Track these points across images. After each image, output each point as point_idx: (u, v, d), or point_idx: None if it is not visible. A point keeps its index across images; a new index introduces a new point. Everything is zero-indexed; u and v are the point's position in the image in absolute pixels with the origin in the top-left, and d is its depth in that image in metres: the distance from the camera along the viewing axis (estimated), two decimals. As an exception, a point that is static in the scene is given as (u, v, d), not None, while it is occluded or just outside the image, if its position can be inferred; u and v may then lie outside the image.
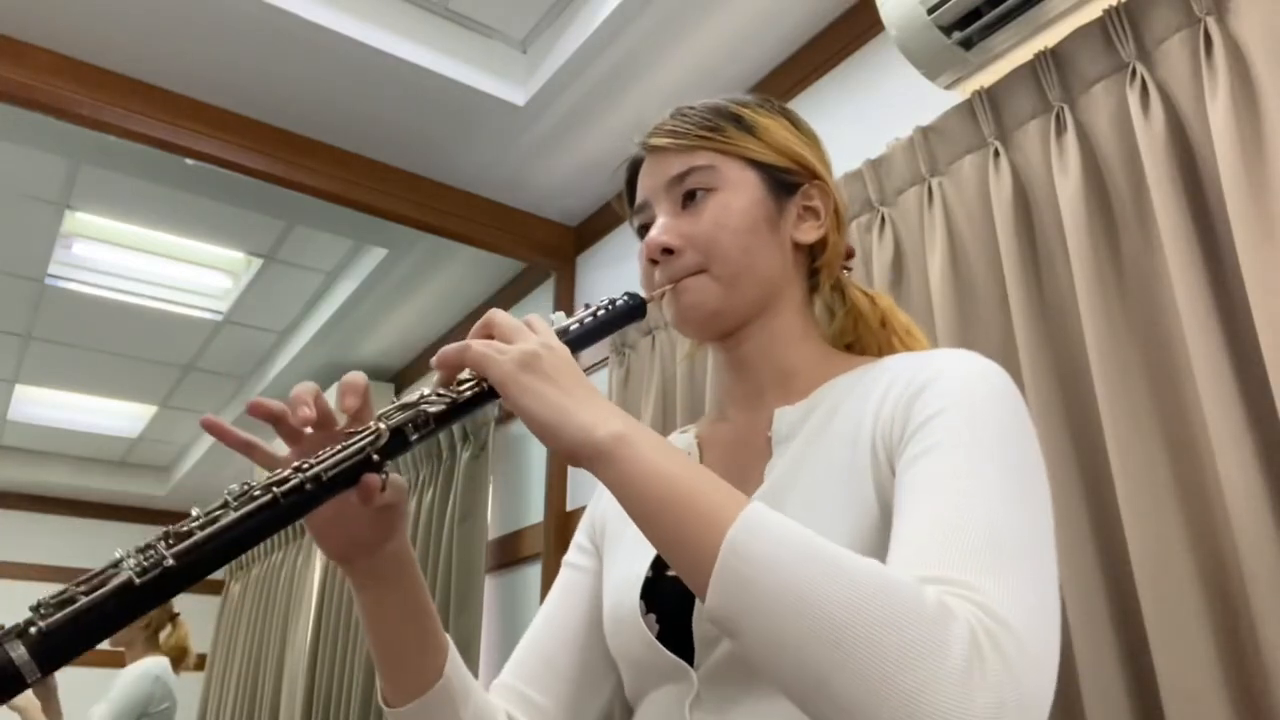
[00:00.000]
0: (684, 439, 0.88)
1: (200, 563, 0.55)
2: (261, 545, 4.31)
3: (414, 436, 0.65)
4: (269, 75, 2.05)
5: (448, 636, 0.77)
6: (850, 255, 0.91)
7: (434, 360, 0.68)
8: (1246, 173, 1.04)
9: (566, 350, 0.68)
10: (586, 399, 0.63)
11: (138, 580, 0.52)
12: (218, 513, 0.57)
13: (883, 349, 0.84)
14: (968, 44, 1.36)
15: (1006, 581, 0.54)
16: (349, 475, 0.62)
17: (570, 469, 2.42)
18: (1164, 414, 1.10)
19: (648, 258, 0.81)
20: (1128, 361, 1.13)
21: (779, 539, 0.54)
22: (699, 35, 1.89)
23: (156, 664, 2.91)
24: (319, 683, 3.12)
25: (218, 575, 5.03)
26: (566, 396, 0.63)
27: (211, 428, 0.65)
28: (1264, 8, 1.07)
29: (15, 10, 1.85)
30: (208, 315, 3.48)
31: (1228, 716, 0.96)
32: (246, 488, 0.58)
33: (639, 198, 0.85)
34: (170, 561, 0.53)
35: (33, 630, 0.49)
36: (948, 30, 1.35)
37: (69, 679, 3.01)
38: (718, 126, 0.81)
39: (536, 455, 2.60)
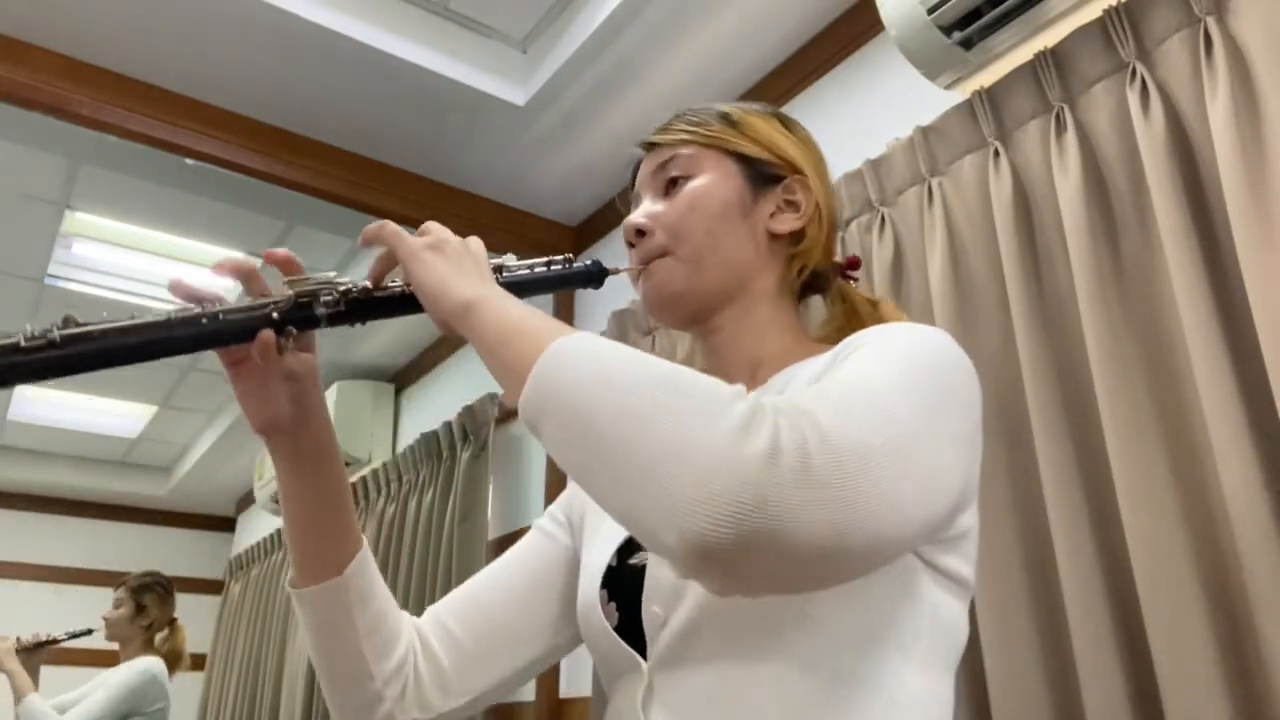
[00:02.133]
0: None
1: (85, 354, 0.59)
2: (261, 545, 4.30)
3: (321, 310, 0.70)
4: (269, 75, 2.05)
5: (364, 538, 0.80)
6: (855, 265, 0.91)
7: (361, 236, 0.73)
8: (1246, 173, 1.04)
9: (479, 246, 0.73)
10: (476, 278, 0.68)
11: (23, 343, 0.57)
12: (120, 319, 0.62)
13: None
14: (968, 44, 1.36)
15: (841, 413, 0.52)
16: (245, 325, 0.67)
17: (570, 469, 2.42)
18: (1164, 414, 1.10)
19: (625, 240, 0.85)
20: (1128, 361, 1.13)
21: (600, 343, 0.57)
22: (699, 35, 1.89)
23: (154, 663, 2.90)
24: (319, 683, 3.11)
25: (217, 575, 5.05)
26: (458, 273, 0.68)
27: (175, 287, 0.69)
28: (1264, 8, 1.07)
29: (16, 10, 1.85)
30: (208, 315, 3.48)
31: (1228, 716, 0.96)
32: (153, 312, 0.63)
33: (635, 192, 0.89)
34: (55, 335, 0.58)
35: None
36: (948, 30, 1.35)
37: (62, 677, 3.03)
38: (704, 121, 0.86)
39: (536, 455, 2.60)
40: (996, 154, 1.33)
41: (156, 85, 2.06)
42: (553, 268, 0.80)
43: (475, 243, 0.74)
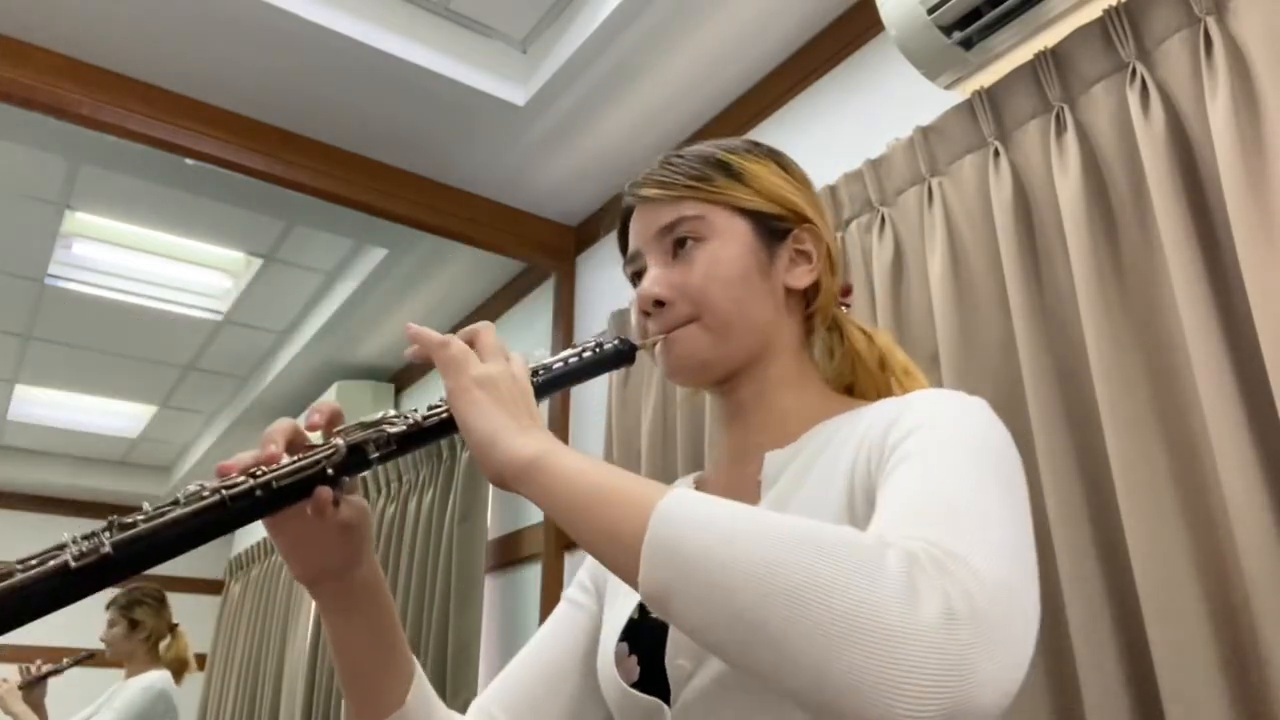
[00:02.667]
0: (685, 483, 0.88)
1: (139, 555, 0.56)
2: (261, 545, 4.31)
3: (374, 455, 0.66)
4: (269, 75, 2.05)
5: (415, 663, 0.78)
6: (847, 293, 0.90)
7: (410, 333, 0.70)
8: (1246, 173, 1.04)
9: (528, 386, 0.69)
10: (528, 427, 0.65)
11: (74, 564, 0.53)
12: (166, 508, 0.58)
13: (880, 392, 0.84)
14: (968, 44, 1.36)
15: (963, 531, 0.52)
16: (301, 486, 0.63)
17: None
18: (1164, 414, 1.10)
19: (640, 309, 0.81)
20: (1128, 361, 1.13)
21: (707, 507, 0.54)
22: (699, 35, 1.89)
23: (161, 678, 2.90)
24: (319, 683, 3.12)
25: (217, 575, 5.05)
26: (510, 420, 0.65)
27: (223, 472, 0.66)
28: (1264, 8, 1.07)
29: (16, 10, 1.85)
30: (208, 315, 3.48)
31: (1228, 716, 0.96)
32: (199, 488, 0.60)
33: (631, 246, 0.85)
34: (108, 549, 0.54)
35: None
36: (948, 30, 1.35)
37: (64, 682, 3.03)
38: (705, 175, 0.81)
39: (536, 455, 2.60)
40: (996, 154, 1.33)
41: (156, 85, 2.06)
42: (585, 355, 0.79)
43: (519, 367, 0.71)
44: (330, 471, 0.64)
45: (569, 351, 0.78)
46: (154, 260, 3.15)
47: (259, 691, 3.76)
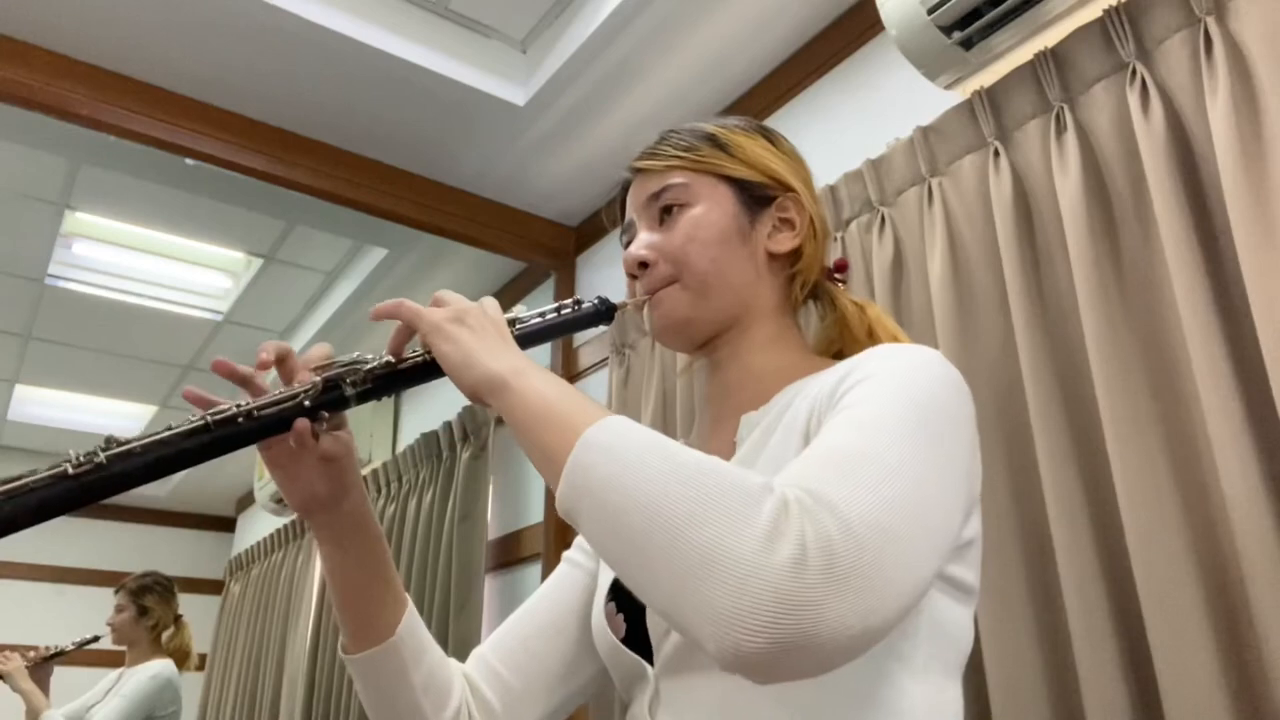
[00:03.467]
0: None
1: (130, 470, 0.61)
2: (261, 545, 4.30)
3: (350, 392, 0.71)
4: (269, 75, 2.05)
5: (408, 597, 0.82)
6: (843, 268, 0.93)
7: (371, 312, 0.74)
8: (1246, 173, 1.04)
9: (500, 318, 0.73)
10: (501, 349, 0.69)
11: (71, 470, 0.58)
12: (159, 431, 0.64)
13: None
14: (968, 44, 1.36)
15: (856, 479, 0.54)
16: (280, 417, 0.69)
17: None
18: (1164, 414, 1.10)
19: (626, 272, 0.85)
20: (1128, 361, 1.13)
21: (628, 436, 0.58)
22: (699, 35, 1.89)
23: (166, 666, 2.91)
24: (319, 683, 3.12)
25: (217, 575, 5.05)
26: (481, 344, 0.69)
27: (220, 368, 0.73)
28: (1264, 8, 1.07)
29: (15, 10, 1.85)
30: (208, 315, 3.48)
31: (1228, 716, 0.96)
32: (188, 419, 0.65)
33: (626, 217, 0.90)
34: (101, 459, 0.60)
35: None
36: (948, 30, 1.35)
37: (67, 678, 3.03)
38: (693, 146, 0.86)
39: (536, 455, 2.60)
40: (996, 154, 1.33)
41: (156, 85, 2.06)
42: (563, 313, 0.82)
43: (491, 305, 0.75)
44: (307, 404, 0.69)
45: (548, 307, 0.82)
46: (154, 260, 3.15)
47: (259, 691, 3.76)
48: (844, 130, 1.78)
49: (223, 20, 1.89)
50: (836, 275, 0.92)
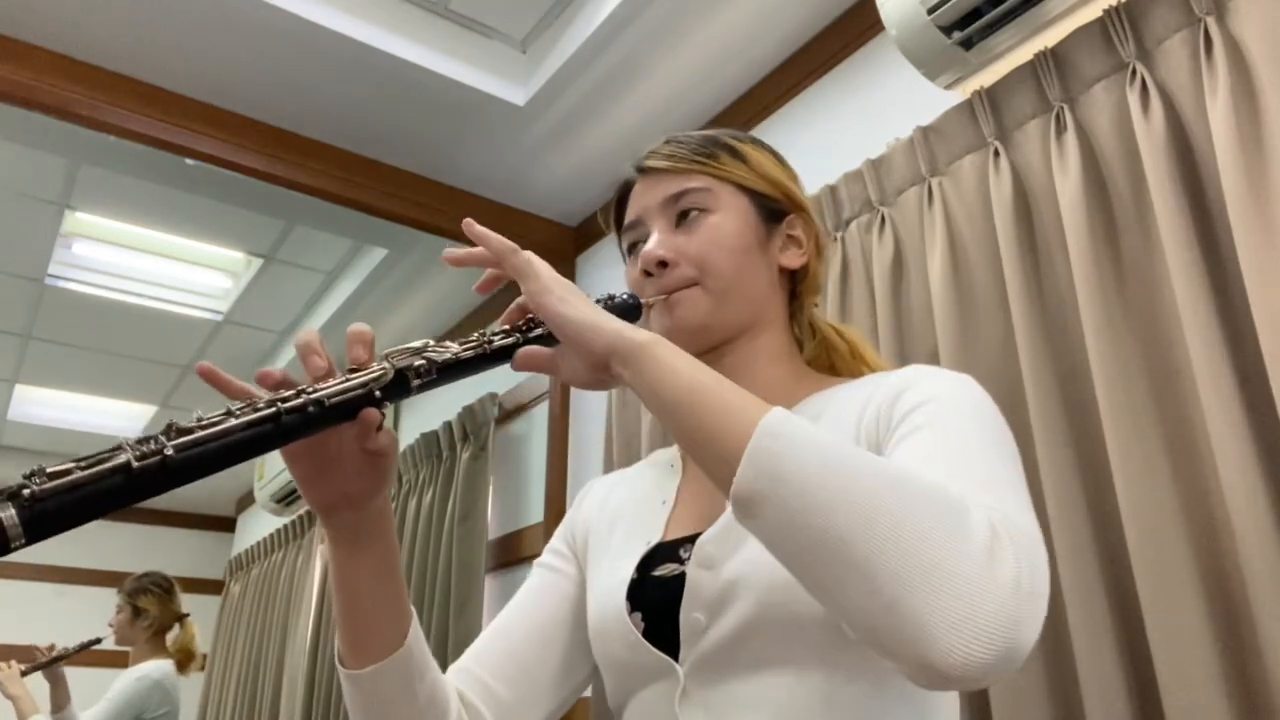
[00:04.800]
0: (667, 454, 0.91)
1: (197, 461, 0.55)
2: (261, 545, 4.30)
3: (416, 382, 0.66)
4: (269, 75, 2.05)
5: (413, 609, 0.78)
6: (816, 292, 0.95)
7: (474, 232, 0.73)
8: (1246, 173, 1.04)
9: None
10: (612, 318, 0.68)
11: (135, 464, 0.53)
12: (220, 417, 0.58)
13: (855, 375, 0.88)
14: (968, 44, 1.36)
15: (1006, 499, 0.59)
16: (351, 406, 0.63)
17: (570, 470, 2.42)
18: (1164, 414, 1.10)
19: (642, 269, 0.84)
20: (1128, 361, 1.13)
21: (809, 431, 0.58)
22: (699, 35, 1.89)
23: (157, 668, 2.87)
24: (319, 683, 3.12)
25: (217, 575, 5.05)
26: (596, 313, 0.68)
27: (209, 375, 0.68)
28: (1264, 8, 1.07)
29: (15, 10, 1.85)
30: (208, 315, 3.48)
31: (1228, 716, 0.96)
32: (250, 401, 0.60)
33: (630, 216, 0.88)
34: (170, 451, 0.54)
35: (25, 494, 0.49)
36: (948, 30, 1.35)
37: (71, 678, 3.03)
38: (712, 153, 0.86)
39: (536, 455, 2.60)
40: (996, 154, 1.33)
41: (156, 85, 2.06)
42: (601, 305, 0.79)
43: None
44: (378, 394, 0.64)
45: (595, 298, 0.80)
46: (154, 260, 3.15)
47: (259, 691, 3.76)
48: (844, 130, 1.78)
49: (223, 20, 1.89)
50: (813, 300, 0.95)
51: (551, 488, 2.43)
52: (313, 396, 0.61)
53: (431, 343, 0.69)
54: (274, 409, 0.59)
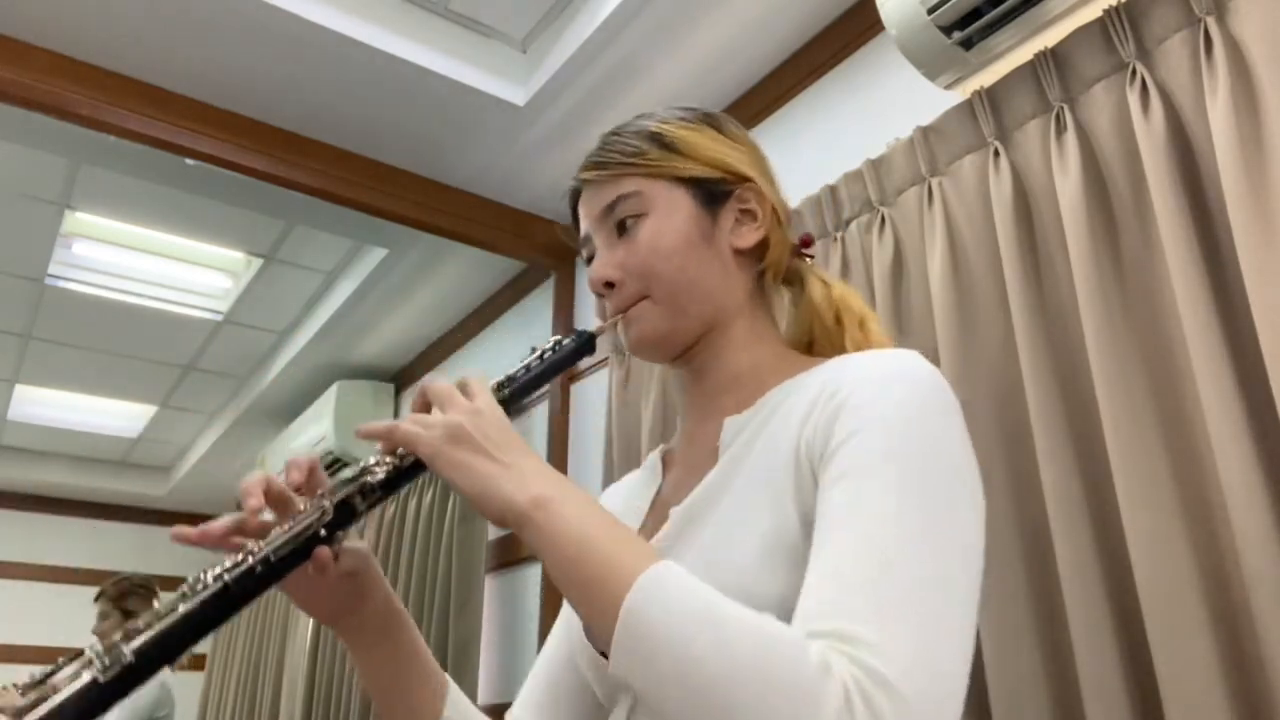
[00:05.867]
0: (653, 457, 0.89)
1: (158, 656, 0.59)
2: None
3: (362, 506, 0.68)
4: (269, 75, 2.05)
5: (446, 678, 0.80)
6: (808, 244, 0.90)
7: (360, 431, 0.71)
8: (1246, 173, 1.04)
9: (496, 412, 0.69)
10: (513, 465, 0.65)
11: (101, 679, 0.57)
12: (174, 605, 0.61)
13: (835, 347, 0.83)
14: (968, 44, 1.36)
15: (892, 630, 0.54)
16: (299, 553, 0.66)
17: (570, 470, 2.42)
18: (1164, 414, 1.10)
19: (592, 291, 0.82)
20: (1128, 361, 1.13)
21: (670, 609, 0.56)
22: (699, 35, 1.89)
23: None
24: (319, 683, 3.12)
25: (218, 575, 5.05)
26: (492, 464, 0.65)
27: (182, 538, 0.68)
28: (1264, 8, 1.07)
29: (15, 10, 1.85)
30: (208, 315, 3.48)
31: (1228, 716, 0.96)
32: (200, 576, 0.62)
33: (582, 230, 0.86)
34: (129, 658, 0.58)
35: None
36: (948, 30, 1.35)
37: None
38: (640, 150, 0.82)
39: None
40: (996, 154, 1.33)
41: (156, 85, 2.06)
42: (546, 356, 0.79)
43: (483, 400, 0.70)
44: (323, 532, 0.67)
45: (530, 358, 0.79)
46: (154, 260, 3.15)
47: (259, 691, 3.76)
48: (844, 130, 1.78)
49: (223, 20, 1.89)
50: (803, 251, 0.89)
51: (551, 488, 2.42)
52: (257, 558, 0.63)
53: (369, 461, 0.70)
54: (220, 584, 0.62)
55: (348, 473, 0.69)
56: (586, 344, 0.81)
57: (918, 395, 0.66)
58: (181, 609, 0.60)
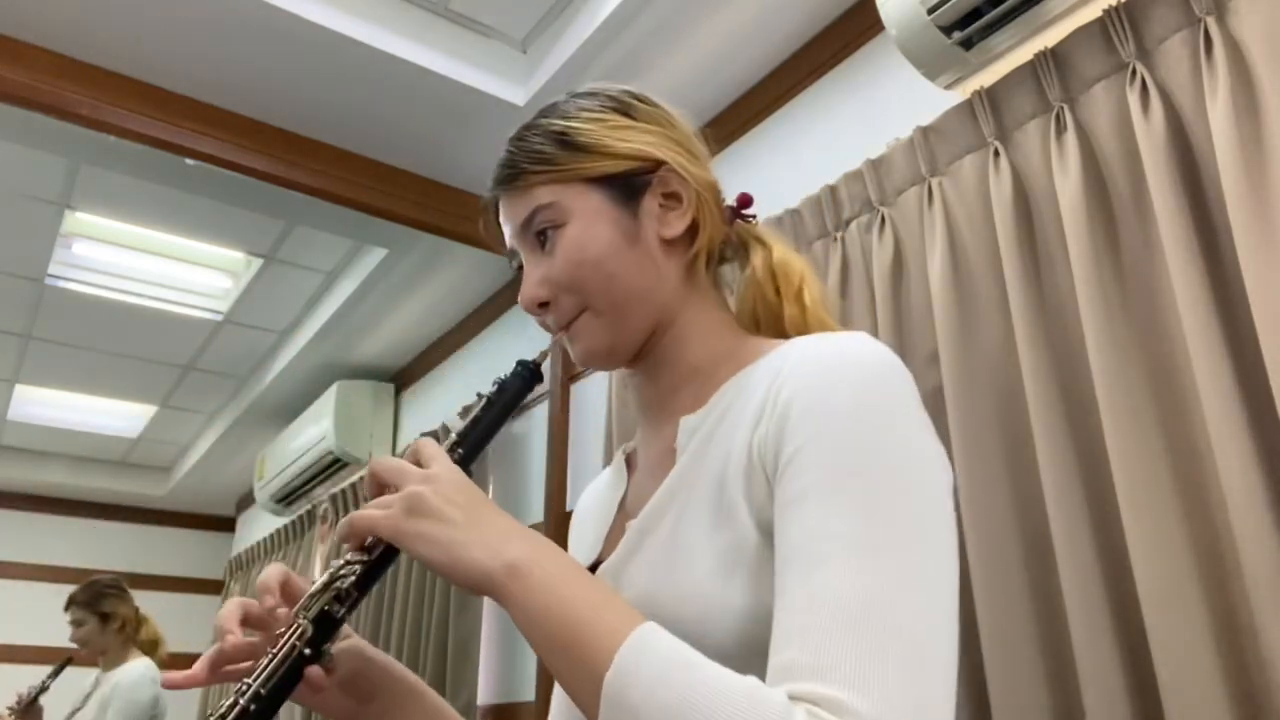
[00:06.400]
0: (618, 457, 0.88)
1: None
2: (261, 545, 4.30)
3: (340, 612, 0.68)
4: (269, 75, 2.05)
5: None
6: (747, 203, 0.85)
7: (322, 540, 0.70)
8: (1246, 173, 1.04)
9: (454, 475, 0.66)
10: (477, 530, 0.63)
11: None
12: None
13: (778, 324, 0.81)
14: (968, 44, 1.36)
15: (875, 689, 0.52)
16: (289, 678, 0.66)
17: (570, 470, 2.42)
18: (1164, 414, 1.10)
19: (527, 312, 0.79)
20: (1128, 361, 1.13)
21: (652, 682, 0.54)
22: (698, 35, 1.89)
23: (149, 666, 2.93)
24: (319, 683, 3.11)
25: (217, 575, 5.05)
26: (457, 530, 0.62)
27: (172, 685, 0.72)
28: (1264, 8, 1.07)
29: (15, 10, 1.85)
30: (208, 315, 3.48)
31: (1228, 716, 0.96)
32: None
33: (507, 242, 0.82)
34: None
35: None
36: (948, 30, 1.35)
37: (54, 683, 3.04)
38: (546, 155, 0.77)
39: (536, 455, 2.60)
40: (996, 154, 1.33)
41: (156, 85, 2.06)
42: (494, 401, 0.76)
43: (439, 465, 0.67)
44: (308, 651, 0.66)
45: (477, 408, 0.76)
46: (154, 260, 3.15)
47: (259, 691, 3.76)
48: (844, 130, 1.78)
49: (223, 20, 1.89)
50: (744, 213, 0.85)
51: (551, 488, 2.43)
52: (248, 695, 0.64)
53: (337, 563, 0.69)
54: None
55: (321, 581, 0.68)
56: (531, 376, 0.78)
57: (864, 393, 0.63)
58: None
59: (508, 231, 0.81)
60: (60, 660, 3.04)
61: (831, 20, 1.85)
